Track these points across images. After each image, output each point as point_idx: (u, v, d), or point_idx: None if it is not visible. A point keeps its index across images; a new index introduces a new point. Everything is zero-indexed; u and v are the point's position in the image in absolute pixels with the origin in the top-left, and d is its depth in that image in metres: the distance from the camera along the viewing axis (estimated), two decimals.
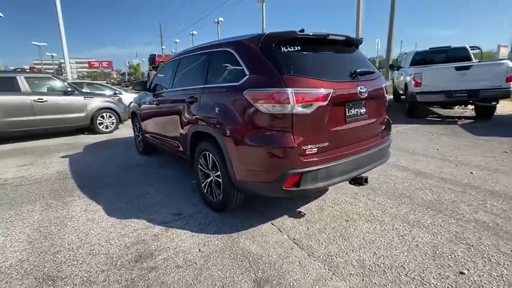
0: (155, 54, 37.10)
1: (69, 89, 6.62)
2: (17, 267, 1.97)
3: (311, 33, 2.21)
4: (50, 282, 1.81)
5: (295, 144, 2.01)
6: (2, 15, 25.71)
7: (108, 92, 9.80)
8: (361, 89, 2.25)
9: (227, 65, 2.47)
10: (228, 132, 2.25)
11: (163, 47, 52.03)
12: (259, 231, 2.36)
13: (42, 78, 6.60)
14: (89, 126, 7.00)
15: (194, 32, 45.68)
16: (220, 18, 34.33)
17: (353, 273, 1.83)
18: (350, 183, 2.55)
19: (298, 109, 1.97)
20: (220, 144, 2.33)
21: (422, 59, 8.45)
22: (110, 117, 7.22)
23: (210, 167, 2.63)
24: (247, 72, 2.20)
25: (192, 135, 2.77)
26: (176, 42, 52.18)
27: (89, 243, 2.25)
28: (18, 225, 2.56)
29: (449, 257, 1.95)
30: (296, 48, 2.15)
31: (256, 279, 1.80)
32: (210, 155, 2.56)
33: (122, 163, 4.49)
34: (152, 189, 3.35)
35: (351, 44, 2.60)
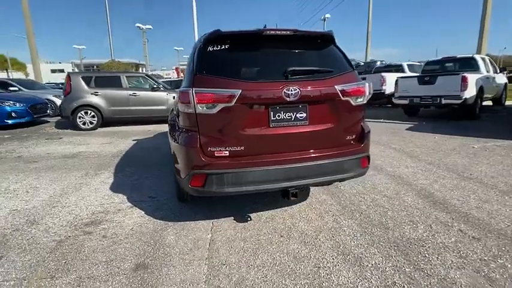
0: None
1: (155, 86, 8.21)
2: (27, 210, 2.81)
3: (240, 31, 2.10)
4: (30, 225, 2.52)
5: (198, 144, 2.00)
6: (151, 27, 33.61)
7: None
8: (288, 90, 1.97)
9: None
10: (170, 127, 2.44)
11: None
12: (192, 226, 2.45)
13: (138, 77, 8.47)
14: None
15: None
16: (327, 15, 33.37)
17: (221, 287, 1.71)
18: (282, 196, 2.27)
19: (201, 109, 1.95)
20: None
21: None
22: None
23: None
24: (186, 72, 2.32)
25: None
26: None
27: (76, 205, 2.92)
28: (58, 183, 3.57)
29: None
30: (222, 47, 2.09)
31: (140, 263, 1.95)
32: None
33: (164, 150, 5.32)
34: (162, 174, 3.87)
35: (314, 39, 2.27)
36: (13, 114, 7.69)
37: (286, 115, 2.06)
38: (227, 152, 2.03)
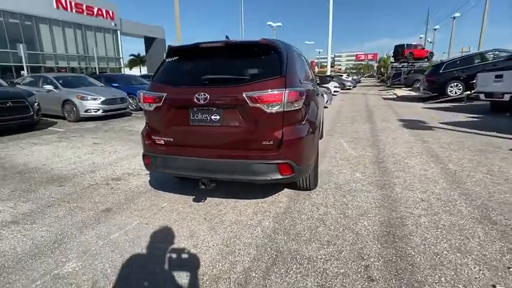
0: (404, 44, 33.37)
1: None
2: (98, 164, 4.34)
3: (183, 45, 2.55)
4: (89, 172, 3.97)
5: (146, 133, 2.69)
6: (280, 24, 36.06)
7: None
8: (198, 95, 2.28)
9: None
10: None
11: (421, 36, 46.84)
12: (163, 196, 3.17)
13: None
14: None
15: (457, 15, 37.25)
16: None
17: (128, 235, 2.37)
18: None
19: (146, 107, 2.59)
20: None
21: None
22: None
23: None
24: None
25: None
26: (435, 29, 45.24)
27: (121, 166, 4.25)
28: (129, 151, 5.11)
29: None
30: (173, 59, 2.62)
31: (109, 208, 2.87)
32: None
33: None
34: None
35: (250, 48, 2.44)
36: None
37: (203, 116, 2.39)
38: (162, 141, 2.61)
